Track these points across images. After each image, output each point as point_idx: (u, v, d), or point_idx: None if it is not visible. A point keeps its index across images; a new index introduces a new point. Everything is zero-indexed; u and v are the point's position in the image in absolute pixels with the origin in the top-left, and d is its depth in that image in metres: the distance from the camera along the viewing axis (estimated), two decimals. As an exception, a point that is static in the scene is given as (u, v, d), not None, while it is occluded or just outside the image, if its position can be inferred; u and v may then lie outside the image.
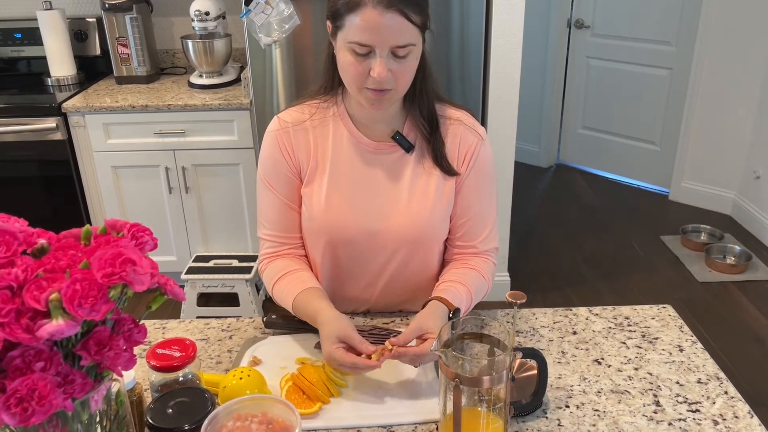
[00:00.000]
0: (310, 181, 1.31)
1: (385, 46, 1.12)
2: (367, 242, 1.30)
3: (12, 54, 3.19)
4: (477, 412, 0.98)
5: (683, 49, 3.87)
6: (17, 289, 0.66)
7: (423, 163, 1.29)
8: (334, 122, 1.30)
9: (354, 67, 1.15)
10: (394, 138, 1.28)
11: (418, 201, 1.29)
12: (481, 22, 2.53)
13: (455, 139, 1.30)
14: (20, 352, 0.66)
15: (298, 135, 1.30)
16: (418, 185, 1.29)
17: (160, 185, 2.87)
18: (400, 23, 1.11)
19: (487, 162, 1.32)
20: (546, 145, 4.61)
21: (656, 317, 1.34)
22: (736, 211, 3.82)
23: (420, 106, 1.27)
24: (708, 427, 1.04)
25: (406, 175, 1.29)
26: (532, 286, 3.15)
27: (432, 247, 1.34)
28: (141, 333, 0.77)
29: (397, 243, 1.30)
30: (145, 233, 0.79)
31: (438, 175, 1.29)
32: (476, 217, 1.33)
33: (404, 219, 1.28)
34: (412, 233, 1.29)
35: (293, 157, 1.31)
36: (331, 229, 1.29)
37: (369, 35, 1.12)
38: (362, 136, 1.29)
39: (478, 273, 1.32)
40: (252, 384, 1.05)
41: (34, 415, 0.64)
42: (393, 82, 1.16)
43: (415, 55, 1.18)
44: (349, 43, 1.14)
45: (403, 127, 1.30)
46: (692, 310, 2.96)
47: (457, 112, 1.33)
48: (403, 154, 1.29)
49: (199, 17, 2.85)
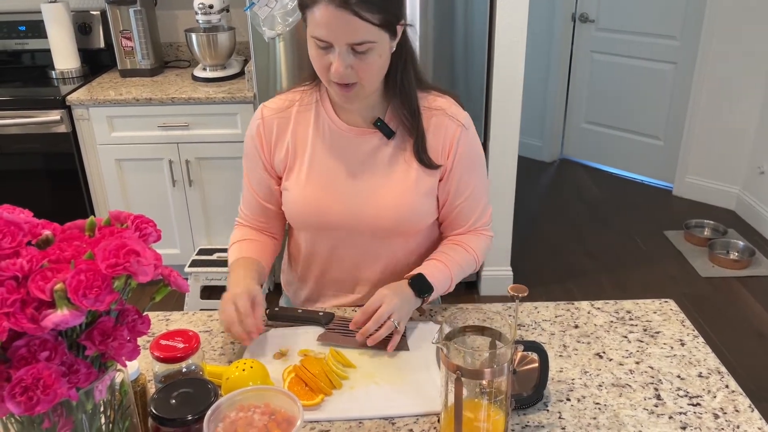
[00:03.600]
0: (290, 168, 1.34)
1: (341, 42, 1.13)
2: (347, 227, 1.32)
3: (16, 47, 3.20)
4: (478, 404, 0.98)
5: (688, 43, 3.86)
6: (22, 279, 0.67)
7: (403, 151, 1.30)
8: (316, 108, 1.32)
9: (317, 60, 1.18)
10: (375, 124, 1.29)
11: (400, 186, 1.29)
12: (485, 16, 2.53)
13: (438, 130, 1.30)
14: (25, 342, 0.67)
15: (281, 123, 1.33)
16: (398, 170, 1.30)
17: (164, 178, 2.88)
18: (353, 21, 1.11)
19: (470, 148, 1.33)
20: (549, 139, 4.60)
21: (658, 311, 1.34)
22: (740, 207, 3.81)
23: (401, 96, 1.27)
24: (708, 420, 1.05)
25: (385, 161, 1.30)
26: (534, 280, 3.16)
27: (414, 233, 1.36)
28: (145, 324, 0.77)
29: (375, 228, 1.31)
30: (148, 225, 0.79)
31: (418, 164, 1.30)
32: (466, 201, 1.35)
33: (382, 204, 1.30)
34: (390, 219, 1.30)
35: (270, 154, 1.35)
36: (310, 213, 1.32)
37: (325, 31, 1.13)
38: (342, 123, 1.30)
39: (462, 248, 1.35)
40: (255, 375, 1.06)
41: (39, 404, 0.64)
42: (356, 77, 1.17)
43: (377, 52, 1.16)
44: (311, 36, 1.16)
45: (384, 114, 1.30)
46: (695, 305, 2.96)
47: (441, 99, 1.32)
48: (384, 141, 1.30)
49: (203, 10, 2.85)
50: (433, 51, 2.57)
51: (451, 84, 2.62)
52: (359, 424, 1.05)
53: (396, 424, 1.04)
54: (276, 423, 0.86)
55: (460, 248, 1.36)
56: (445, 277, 1.31)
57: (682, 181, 4.05)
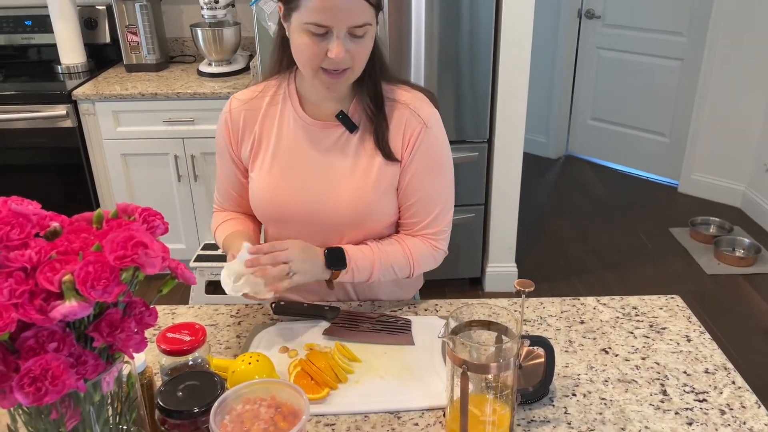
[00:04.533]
0: (254, 160, 1.34)
1: (342, 26, 1.13)
2: (309, 220, 1.31)
3: (22, 41, 3.21)
4: (484, 398, 0.98)
5: (694, 40, 3.84)
6: (31, 270, 0.67)
7: (366, 145, 1.29)
8: (283, 101, 1.32)
9: (310, 48, 1.16)
10: (338, 117, 1.29)
11: (359, 181, 1.28)
12: (491, 13, 2.52)
13: (400, 123, 1.29)
14: (34, 333, 0.67)
15: (248, 116, 1.33)
16: (359, 165, 1.29)
17: (169, 173, 2.88)
18: (356, 3, 1.12)
19: (433, 147, 1.30)
20: (555, 136, 4.59)
21: (664, 307, 1.34)
22: (745, 204, 3.80)
23: (367, 85, 1.27)
24: (715, 416, 1.04)
25: (348, 155, 1.30)
26: (539, 276, 3.15)
27: (376, 228, 1.34)
28: (152, 316, 0.77)
29: (337, 222, 1.30)
30: (156, 217, 0.79)
31: (381, 157, 1.28)
32: (421, 201, 1.32)
33: (344, 198, 1.29)
34: (351, 213, 1.29)
35: (237, 146, 1.35)
36: (273, 206, 1.32)
37: (327, 16, 1.12)
38: (306, 116, 1.30)
39: (400, 247, 1.33)
40: (261, 369, 1.06)
41: (47, 394, 0.65)
42: (350, 62, 1.17)
43: (371, 34, 1.18)
44: (305, 24, 1.14)
45: (349, 107, 1.30)
46: (700, 303, 2.96)
47: (408, 94, 1.31)
48: (346, 135, 1.30)
49: (208, 5, 2.86)
50: (439, 48, 2.57)
51: (457, 81, 2.62)
52: (365, 418, 1.05)
53: (401, 418, 1.04)
54: (282, 416, 0.87)
55: (397, 245, 1.33)
56: (367, 263, 1.28)
57: (688, 178, 4.03)
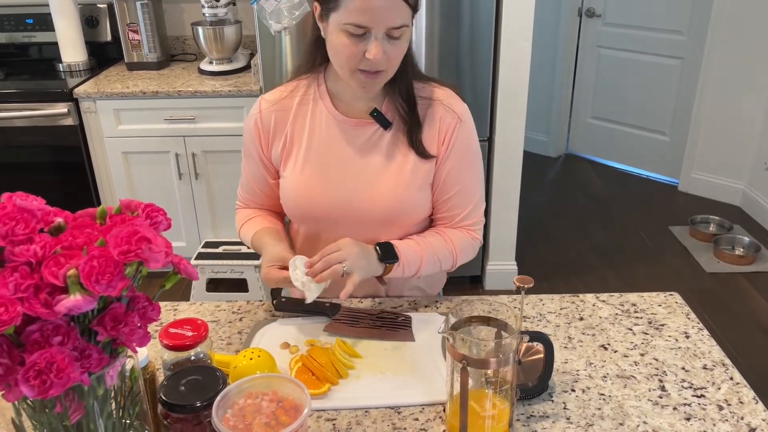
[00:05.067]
0: (286, 160, 1.34)
1: (381, 27, 1.14)
2: (343, 218, 1.32)
3: (24, 40, 3.21)
4: (484, 393, 0.99)
5: (695, 38, 3.85)
6: (36, 265, 0.68)
7: (399, 142, 1.31)
8: (314, 100, 1.33)
9: (348, 48, 1.17)
10: (371, 115, 1.30)
11: (392, 178, 1.30)
12: (492, 10, 2.53)
13: (434, 120, 1.30)
14: (38, 327, 0.68)
15: (278, 116, 1.34)
16: (393, 163, 1.30)
17: (170, 171, 2.89)
18: (396, 5, 1.14)
19: (466, 141, 1.33)
20: (555, 134, 4.60)
21: (663, 304, 1.34)
22: (745, 202, 3.81)
23: (399, 85, 1.28)
24: (713, 411, 1.05)
25: (381, 152, 1.31)
26: (539, 274, 3.16)
27: (408, 224, 1.35)
28: (155, 311, 0.78)
29: (372, 219, 1.31)
30: (159, 213, 0.80)
31: (414, 155, 1.30)
32: (458, 195, 1.34)
33: (377, 195, 1.30)
34: (386, 209, 1.30)
35: (267, 148, 1.36)
36: (307, 204, 1.33)
37: (367, 17, 1.13)
38: (339, 114, 1.31)
39: (442, 237, 1.35)
40: (262, 364, 1.07)
41: (52, 387, 0.65)
42: (386, 63, 1.18)
43: (406, 36, 1.20)
44: (344, 24, 1.15)
45: (382, 105, 1.31)
46: (700, 301, 2.97)
47: (440, 90, 1.33)
48: (380, 132, 1.31)
49: (209, 4, 2.86)
50: (439, 45, 2.57)
51: (457, 78, 2.62)
52: (365, 413, 1.05)
53: (402, 413, 1.05)
54: (284, 410, 0.87)
55: (440, 237, 1.35)
56: (415, 256, 1.30)
57: (688, 177, 4.04)
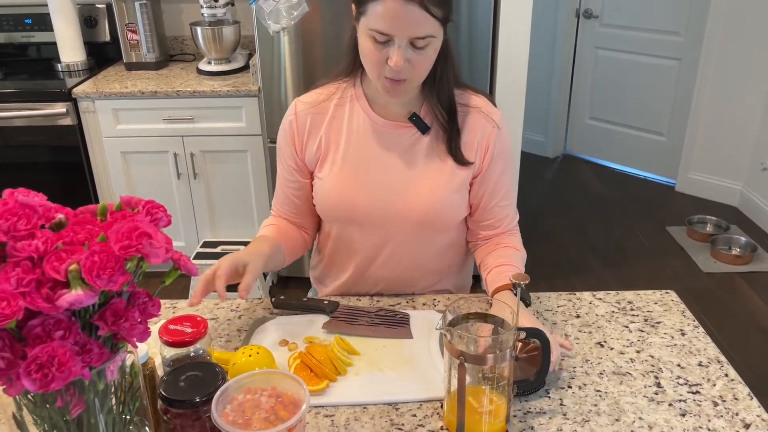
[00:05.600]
0: (322, 162, 1.34)
1: (403, 36, 1.14)
2: (380, 219, 1.32)
3: (22, 39, 3.22)
4: (481, 390, 1.00)
5: (692, 39, 3.86)
6: (37, 260, 0.68)
7: (438, 145, 1.32)
8: (351, 103, 1.33)
9: (373, 54, 1.18)
10: (410, 119, 1.30)
11: (431, 182, 1.31)
12: (490, 11, 2.54)
13: (474, 128, 1.32)
14: (40, 321, 0.68)
15: (314, 119, 1.34)
16: (432, 164, 1.31)
17: (169, 171, 2.90)
18: (420, 15, 1.13)
19: (505, 148, 1.35)
20: (553, 135, 4.61)
21: (659, 302, 1.35)
22: (742, 203, 3.82)
23: (439, 93, 1.29)
24: (708, 407, 1.06)
25: (420, 155, 1.31)
26: (537, 274, 3.17)
27: (445, 229, 1.37)
28: (155, 306, 0.79)
29: (408, 220, 1.32)
30: (159, 210, 0.81)
31: (452, 161, 1.31)
32: (502, 201, 1.37)
33: (415, 196, 1.31)
34: (422, 213, 1.31)
35: (302, 150, 1.36)
36: (343, 206, 1.33)
37: (389, 25, 1.13)
38: (377, 116, 1.31)
39: (513, 249, 1.36)
40: (261, 361, 1.08)
41: (53, 381, 0.66)
42: (410, 72, 1.18)
43: (434, 47, 1.19)
44: (369, 30, 1.16)
45: (420, 109, 1.31)
46: (697, 300, 2.98)
47: (478, 98, 1.34)
48: (418, 135, 1.31)
49: (208, 4, 2.87)
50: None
51: (455, 78, 2.63)
52: (363, 409, 1.06)
53: (400, 410, 1.06)
54: (283, 405, 0.88)
55: (511, 249, 1.36)
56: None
57: (685, 177, 4.05)
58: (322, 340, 1.20)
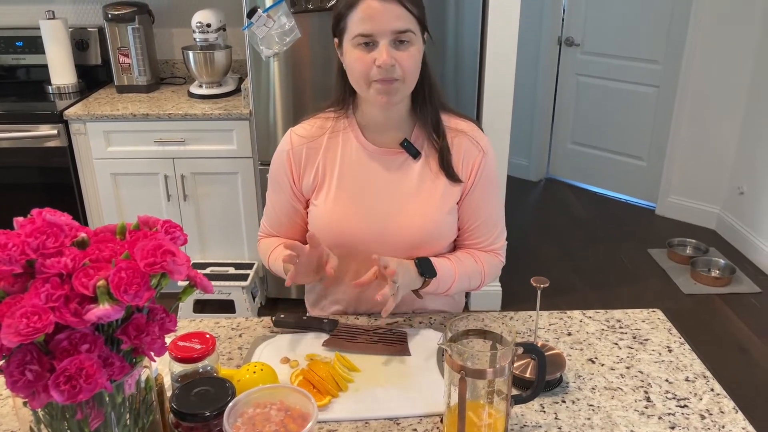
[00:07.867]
0: (318, 190, 1.39)
1: (386, 31, 1.22)
2: (373, 242, 1.36)
3: (13, 62, 3.24)
4: (480, 404, 1.03)
5: (670, 67, 3.98)
6: (66, 276, 0.72)
7: (429, 168, 1.37)
8: (344, 133, 1.38)
9: (360, 60, 1.24)
10: (402, 145, 1.35)
11: (423, 206, 1.35)
12: (476, 39, 2.61)
13: (459, 151, 1.37)
14: (67, 335, 0.71)
15: (309, 151, 1.38)
16: (423, 187, 1.36)
17: (159, 192, 2.92)
18: (398, 10, 1.22)
19: (490, 171, 1.40)
20: (536, 159, 4.70)
21: (646, 320, 1.41)
22: (720, 226, 3.92)
23: (427, 114, 1.35)
24: (696, 420, 1.11)
25: (412, 177, 1.36)
26: (523, 296, 3.21)
27: (438, 248, 1.41)
28: (172, 322, 0.82)
29: (404, 243, 1.36)
30: (176, 229, 0.84)
31: (444, 179, 1.36)
32: (484, 222, 1.41)
33: (408, 219, 1.35)
34: (419, 232, 1.35)
35: (299, 180, 1.40)
36: (339, 231, 1.36)
37: (370, 24, 1.21)
38: (369, 144, 1.36)
39: (472, 258, 1.41)
40: (265, 378, 1.11)
41: (81, 392, 0.69)
42: (399, 71, 1.24)
43: (416, 46, 1.26)
44: (353, 39, 1.23)
45: (411, 134, 1.37)
46: (678, 321, 3.00)
47: (462, 122, 1.40)
48: (410, 161, 1.36)
49: (200, 29, 2.92)
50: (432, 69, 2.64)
51: (443, 103, 2.69)
52: (365, 424, 1.09)
53: (401, 424, 1.09)
54: (292, 418, 0.91)
55: (470, 257, 1.42)
56: (449, 273, 1.36)
57: (665, 201, 4.15)
58: (323, 358, 1.23)
